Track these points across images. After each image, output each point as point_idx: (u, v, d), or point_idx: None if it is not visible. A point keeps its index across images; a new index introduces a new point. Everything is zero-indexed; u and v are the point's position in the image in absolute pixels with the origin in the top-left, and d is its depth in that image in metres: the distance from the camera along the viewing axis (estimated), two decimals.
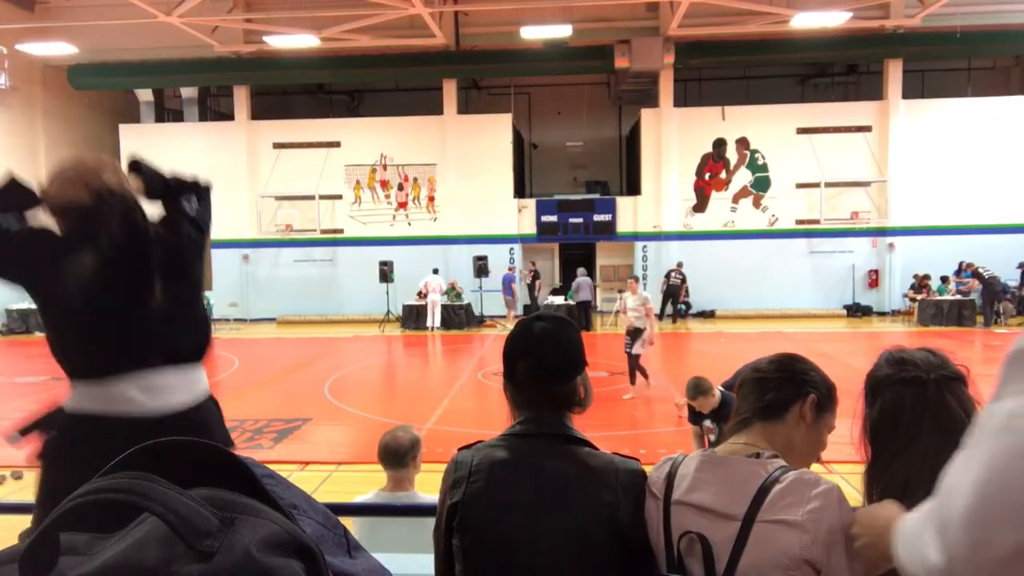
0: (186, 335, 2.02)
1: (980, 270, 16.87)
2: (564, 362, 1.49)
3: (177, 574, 0.46)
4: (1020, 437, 0.70)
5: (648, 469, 1.50)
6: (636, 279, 10.50)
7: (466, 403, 10.02)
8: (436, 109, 19.81)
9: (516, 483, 1.41)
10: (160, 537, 0.48)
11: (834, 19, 15.91)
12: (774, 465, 1.33)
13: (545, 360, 1.48)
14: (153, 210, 2.04)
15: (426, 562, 1.63)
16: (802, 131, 18.99)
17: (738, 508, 1.28)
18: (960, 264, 17.88)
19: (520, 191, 20.68)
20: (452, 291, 18.48)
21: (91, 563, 0.48)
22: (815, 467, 1.45)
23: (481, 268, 18.50)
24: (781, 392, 1.43)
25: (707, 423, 7.21)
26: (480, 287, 18.87)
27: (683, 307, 18.69)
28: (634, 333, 9.71)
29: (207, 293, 19.45)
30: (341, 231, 20.05)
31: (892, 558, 0.98)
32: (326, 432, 8.85)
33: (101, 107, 21.85)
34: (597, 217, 19.50)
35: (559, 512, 1.37)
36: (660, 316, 17.41)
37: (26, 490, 6.88)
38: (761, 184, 19.31)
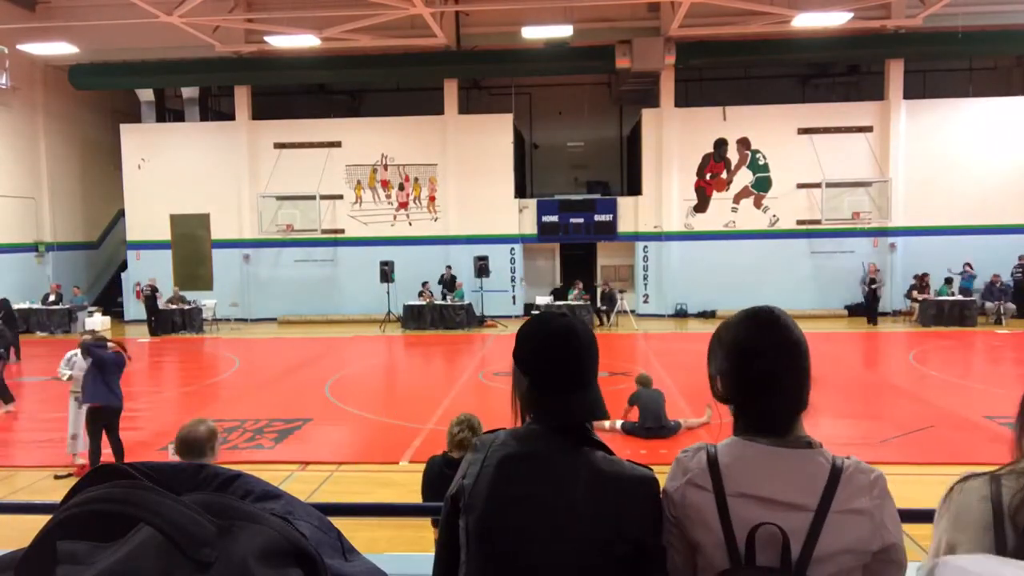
0: None
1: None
2: (588, 365, 1.45)
3: None
4: None
5: (656, 469, 1.47)
6: None
7: (467, 404, 10.00)
8: (437, 109, 19.79)
9: (523, 478, 1.39)
10: (158, 545, 0.47)
11: (835, 19, 15.90)
12: (829, 454, 1.34)
13: (571, 363, 1.43)
14: None
15: (423, 562, 1.62)
16: (803, 131, 18.96)
17: (808, 499, 1.28)
18: (965, 265, 17.87)
19: (521, 191, 20.65)
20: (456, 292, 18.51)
21: (88, 572, 0.48)
22: None
23: (482, 268, 18.50)
24: None
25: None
26: (481, 287, 18.86)
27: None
28: None
29: (208, 293, 19.53)
30: (342, 231, 20.04)
31: None
32: (327, 432, 8.85)
33: (102, 107, 21.86)
34: (598, 217, 19.48)
35: (561, 513, 1.36)
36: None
37: (26, 490, 6.88)
38: (762, 184, 19.29)
